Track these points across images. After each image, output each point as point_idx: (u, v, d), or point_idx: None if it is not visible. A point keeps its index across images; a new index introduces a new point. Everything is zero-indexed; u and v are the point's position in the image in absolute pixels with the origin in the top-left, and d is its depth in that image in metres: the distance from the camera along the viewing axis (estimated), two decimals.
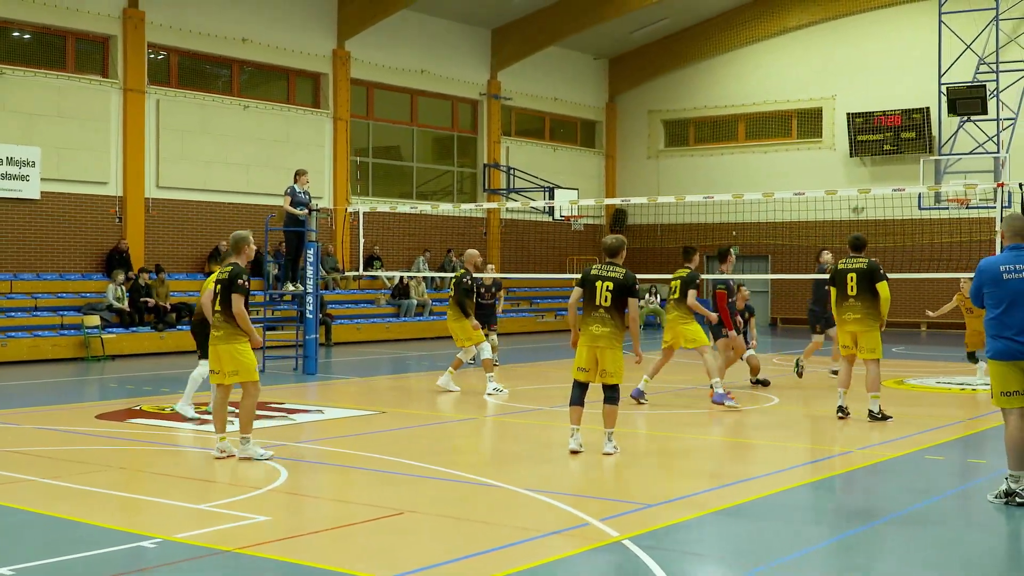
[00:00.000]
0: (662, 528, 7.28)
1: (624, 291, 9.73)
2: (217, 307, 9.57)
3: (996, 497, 8.02)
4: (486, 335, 15.18)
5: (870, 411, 11.99)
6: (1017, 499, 7.91)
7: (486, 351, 14.68)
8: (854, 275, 12.04)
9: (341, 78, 26.95)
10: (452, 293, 14.59)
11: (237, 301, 9.39)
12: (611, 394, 9.74)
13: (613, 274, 9.77)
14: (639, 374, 13.29)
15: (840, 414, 12.12)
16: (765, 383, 15.17)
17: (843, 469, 9.74)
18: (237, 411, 9.61)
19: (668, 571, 6.21)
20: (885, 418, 11.91)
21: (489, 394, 14.19)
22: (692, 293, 13.16)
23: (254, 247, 9.91)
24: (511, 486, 8.55)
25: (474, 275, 14.92)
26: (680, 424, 12.13)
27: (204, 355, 11.84)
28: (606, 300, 9.69)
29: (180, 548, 6.63)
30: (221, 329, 9.52)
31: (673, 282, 13.41)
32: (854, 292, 12.00)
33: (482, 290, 16.43)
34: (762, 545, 7.03)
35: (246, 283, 9.45)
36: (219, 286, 9.62)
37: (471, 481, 8.79)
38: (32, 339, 19.49)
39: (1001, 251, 8.25)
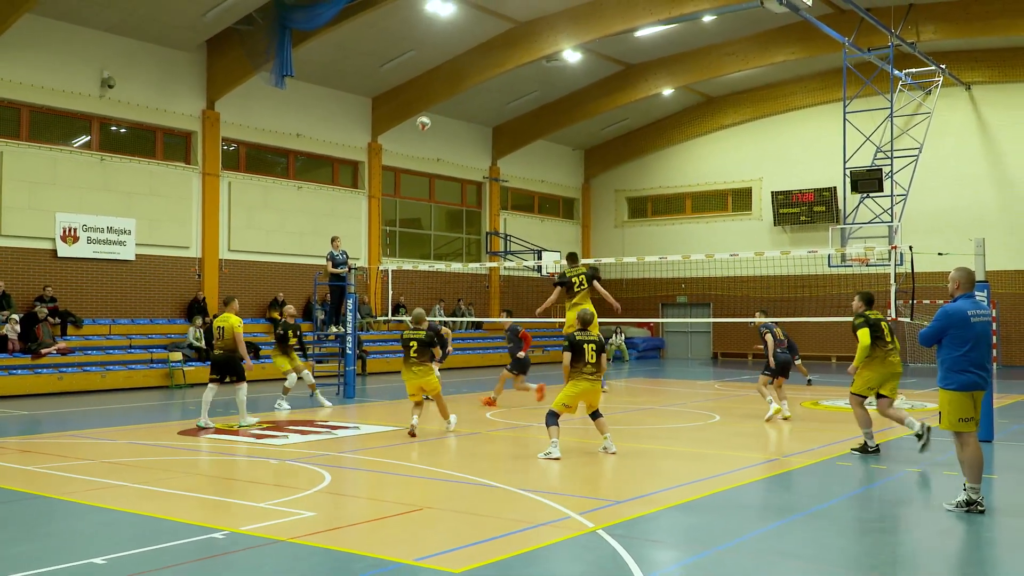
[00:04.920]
0: (629, 520, 7.23)
1: (602, 349, 10.43)
2: (414, 355, 11.99)
3: (957, 506, 7.44)
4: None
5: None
6: (978, 508, 7.37)
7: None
8: (886, 324, 10.57)
9: (374, 165, 27.11)
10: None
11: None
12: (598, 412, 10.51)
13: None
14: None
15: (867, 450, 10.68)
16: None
17: (771, 473, 9.68)
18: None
19: (634, 555, 6.15)
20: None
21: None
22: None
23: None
24: (508, 486, 8.49)
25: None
26: (642, 436, 12.06)
27: (242, 378, 12.87)
28: (593, 358, 10.21)
29: (245, 539, 6.58)
30: (422, 366, 12.01)
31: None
32: (890, 338, 10.51)
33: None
34: (709, 534, 6.98)
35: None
36: (417, 343, 11.98)
37: (476, 483, 8.73)
38: (127, 371, 19.42)
39: (953, 300, 7.60)
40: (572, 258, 14.45)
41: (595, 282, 13.84)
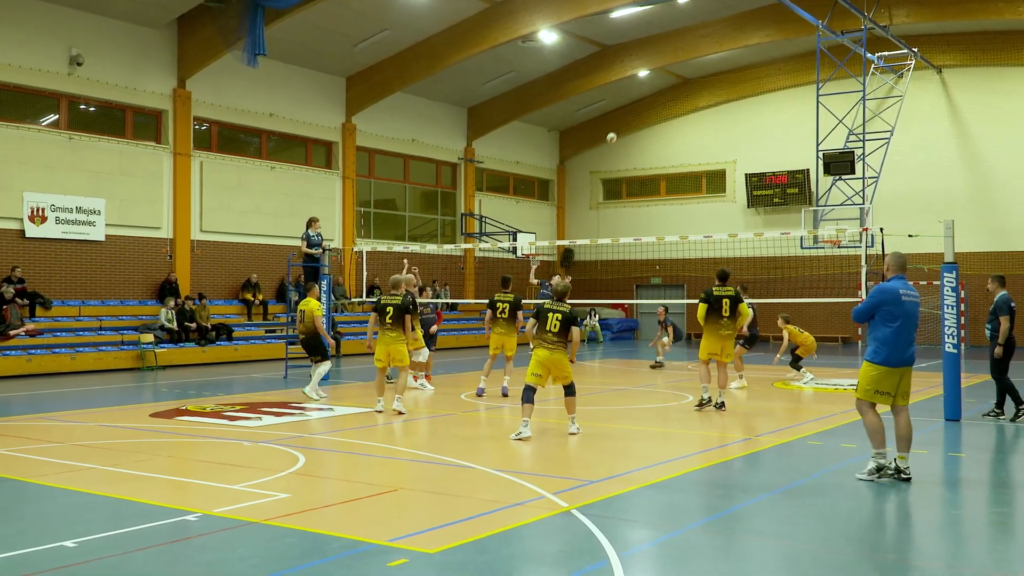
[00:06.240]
0: (603, 500, 7.27)
1: (570, 322, 10.20)
2: (389, 320, 11.98)
3: (869, 474, 7.85)
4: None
5: (721, 403, 12.54)
6: (888, 472, 7.74)
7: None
8: (727, 300, 12.45)
9: (349, 145, 26.92)
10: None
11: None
12: (570, 389, 10.36)
13: (562, 308, 10.26)
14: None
15: (703, 405, 12.44)
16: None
17: (743, 452, 9.78)
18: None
19: (607, 534, 6.20)
20: (723, 406, 12.50)
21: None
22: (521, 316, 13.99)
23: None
24: (481, 466, 8.51)
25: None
26: (615, 416, 12.13)
27: (325, 357, 13.59)
28: (555, 327, 10.13)
29: (218, 521, 6.55)
30: (395, 332, 12.04)
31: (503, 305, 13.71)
32: (727, 313, 12.43)
33: None
34: (681, 512, 7.05)
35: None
36: (393, 308, 11.99)
37: (450, 463, 8.75)
38: (97, 353, 19.23)
39: (886, 280, 8.05)
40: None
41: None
